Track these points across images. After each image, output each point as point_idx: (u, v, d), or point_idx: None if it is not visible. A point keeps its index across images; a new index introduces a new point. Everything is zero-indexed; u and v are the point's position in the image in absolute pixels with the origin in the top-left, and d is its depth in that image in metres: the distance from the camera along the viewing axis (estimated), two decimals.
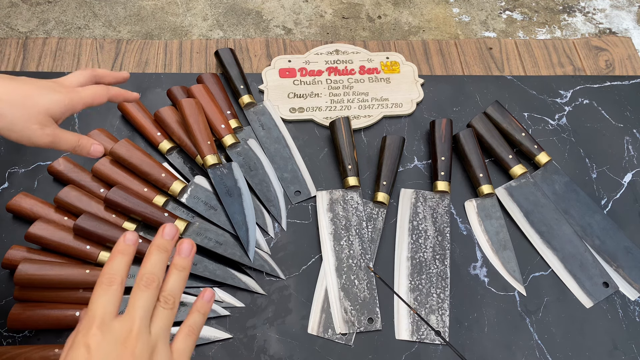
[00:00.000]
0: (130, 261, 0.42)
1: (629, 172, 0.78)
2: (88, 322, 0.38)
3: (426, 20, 1.96)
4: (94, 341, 0.37)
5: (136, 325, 0.38)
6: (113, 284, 0.40)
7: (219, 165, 0.72)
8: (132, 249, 0.42)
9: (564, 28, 1.97)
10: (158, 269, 0.41)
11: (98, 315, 0.38)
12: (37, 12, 1.88)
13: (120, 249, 0.42)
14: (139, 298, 0.40)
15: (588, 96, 0.85)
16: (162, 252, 0.42)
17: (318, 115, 0.80)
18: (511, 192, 0.74)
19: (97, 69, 0.60)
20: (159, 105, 0.78)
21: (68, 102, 0.52)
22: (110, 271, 0.40)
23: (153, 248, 0.42)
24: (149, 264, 0.41)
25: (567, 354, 0.63)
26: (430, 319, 0.65)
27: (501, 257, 0.69)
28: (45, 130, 0.51)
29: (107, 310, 0.38)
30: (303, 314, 0.65)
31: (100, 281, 0.40)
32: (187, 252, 0.43)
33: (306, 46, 0.89)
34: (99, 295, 0.39)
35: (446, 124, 0.76)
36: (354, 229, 0.70)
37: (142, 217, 0.66)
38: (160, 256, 0.42)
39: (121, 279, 0.40)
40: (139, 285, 0.40)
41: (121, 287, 0.40)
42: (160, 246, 0.42)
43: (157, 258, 0.42)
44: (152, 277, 0.41)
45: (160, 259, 0.42)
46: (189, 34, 1.86)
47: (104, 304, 0.39)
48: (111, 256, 0.42)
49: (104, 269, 0.40)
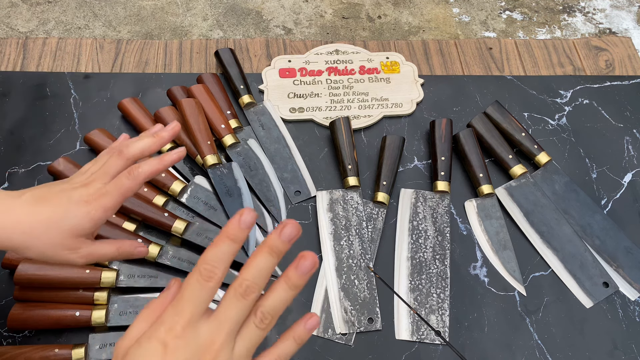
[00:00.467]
0: (237, 250, 0.35)
1: (629, 172, 0.78)
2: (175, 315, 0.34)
3: (426, 20, 1.96)
4: (174, 344, 0.33)
5: (222, 337, 0.34)
6: (212, 279, 0.34)
7: (219, 165, 0.72)
8: (245, 234, 0.35)
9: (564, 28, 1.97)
10: (262, 278, 0.35)
11: (187, 312, 0.34)
12: (37, 12, 1.88)
13: (231, 232, 0.35)
14: (233, 307, 0.34)
15: (588, 96, 0.85)
16: (273, 256, 0.35)
17: (318, 115, 0.81)
18: (511, 192, 0.74)
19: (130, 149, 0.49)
20: (159, 105, 0.78)
21: (97, 214, 0.46)
22: (212, 260, 0.34)
23: (264, 248, 0.35)
24: (253, 269, 0.35)
25: (567, 354, 0.63)
26: (430, 319, 0.65)
27: (501, 257, 0.69)
28: (79, 253, 0.47)
29: (197, 309, 0.34)
30: (303, 314, 0.65)
31: (197, 271, 0.34)
32: (307, 269, 0.35)
33: (306, 46, 0.89)
34: (192, 289, 0.34)
35: (446, 124, 0.76)
36: (354, 229, 0.70)
37: (142, 217, 0.66)
38: (269, 261, 0.35)
39: (222, 272, 0.34)
40: (235, 290, 0.34)
41: (219, 285, 0.34)
42: (273, 249, 0.35)
43: (265, 263, 0.35)
44: (253, 286, 0.34)
45: (268, 265, 0.35)
46: (189, 34, 1.86)
47: (196, 301, 0.34)
48: (218, 240, 0.35)
49: (205, 254, 0.35)
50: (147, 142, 0.50)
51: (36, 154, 0.75)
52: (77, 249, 0.47)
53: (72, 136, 0.77)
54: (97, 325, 0.60)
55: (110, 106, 0.80)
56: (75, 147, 0.76)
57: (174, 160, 0.50)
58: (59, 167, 0.70)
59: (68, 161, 0.71)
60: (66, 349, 0.57)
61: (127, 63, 0.85)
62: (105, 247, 0.49)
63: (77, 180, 0.49)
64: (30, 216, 0.45)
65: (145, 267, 0.65)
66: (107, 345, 0.59)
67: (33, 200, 0.46)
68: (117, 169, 0.49)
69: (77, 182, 0.48)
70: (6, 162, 0.74)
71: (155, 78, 0.83)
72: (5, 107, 0.79)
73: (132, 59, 0.86)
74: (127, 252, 0.52)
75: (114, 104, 0.79)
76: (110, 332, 0.60)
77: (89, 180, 0.48)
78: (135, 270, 0.64)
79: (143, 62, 0.85)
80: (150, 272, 0.65)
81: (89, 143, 0.74)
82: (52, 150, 0.75)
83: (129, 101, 0.77)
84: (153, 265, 0.65)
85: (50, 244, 0.45)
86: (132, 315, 0.61)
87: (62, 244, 0.46)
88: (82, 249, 0.47)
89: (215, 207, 0.70)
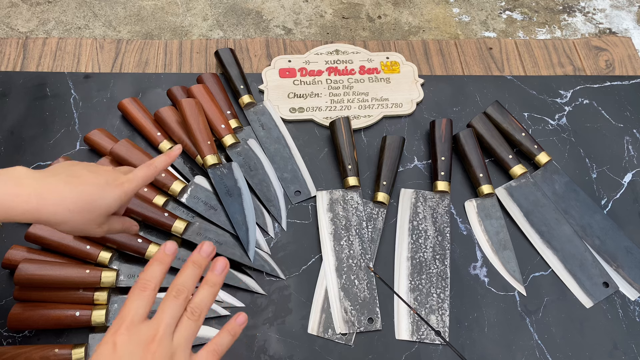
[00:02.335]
0: (166, 270, 0.45)
1: (629, 172, 0.78)
2: (119, 321, 0.41)
3: (426, 20, 1.96)
4: (121, 340, 0.40)
5: (160, 330, 0.41)
6: (146, 289, 0.43)
7: (219, 165, 0.72)
8: (169, 258, 0.46)
9: (564, 28, 1.97)
10: (189, 283, 0.44)
11: (128, 317, 0.41)
12: (37, 12, 1.88)
13: (158, 257, 0.45)
14: (168, 306, 0.43)
15: (588, 96, 0.85)
16: (196, 267, 0.45)
17: (318, 115, 0.80)
18: (511, 192, 0.74)
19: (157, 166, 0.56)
20: (159, 105, 0.78)
21: (124, 197, 0.53)
22: (145, 277, 0.44)
23: (189, 262, 0.45)
24: (182, 277, 0.44)
25: (567, 354, 0.63)
26: (430, 319, 0.65)
27: (501, 257, 0.69)
28: (102, 228, 0.53)
29: (137, 313, 0.42)
30: (303, 314, 0.65)
31: (136, 285, 0.43)
32: (220, 269, 0.46)
33: (306, 46, 0.89)
34: (132, 299, 0.42)
35: (446, 124, 0.76)
36: (354, 229, 0.70)
37: (142, 217, 0.66)
38: (194, 271, 0.45)
39: (155, 285, 0.43)
40: (169, 295, 0.43)
41: (154, 293, 0.43)
42: (195, 262, 0.46)
43: (191, 272, 0.45)
44: (182, 288, 0.44)
45: (193, 274, 0.45)
46: (189, 34, 1.86)
47: (135, 307, 0.42)
48: (149, 263, 0.45)
49: (141, 275, 0.44)
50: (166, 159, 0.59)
51: (36, 154, 0.75)
52: (102, 224, 0.53)
53: (72, 136, 0.77)
54: (97, 325, 0.60)
55: (110, 106, 0.80)
56: (75, 147, 0.76)
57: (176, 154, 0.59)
58: None
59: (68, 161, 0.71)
60: (66, 349, 0.57)
61: (127, 63, 0.85)
62: (117, 222, 0.56)
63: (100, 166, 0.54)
64: (74, 194, 0.49)
65: None
66: None
67: (71, 179, 0.50)
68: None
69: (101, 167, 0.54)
70: (6, 162, 0.74)
71: (155, 78, 0.83)
72: (5, 107, 0.79)
73: (132, 59, 0.86)
74: (127, 227, 0.58)
75: (114, 104, 0.79)
76: None
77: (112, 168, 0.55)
78: (135, 270, 0.64)
79: (143, 62, 0.85)
80: None
81: (89, 143, 0.74)
82: (52, 150, 0.75)
83: (129, 101, 0.77)
84: None
85: (86, 220, 0.51)
86: None
87: (95, 220, 0.51)
88: (105, 225, 0.53)
89: (215, 207, 0.70)
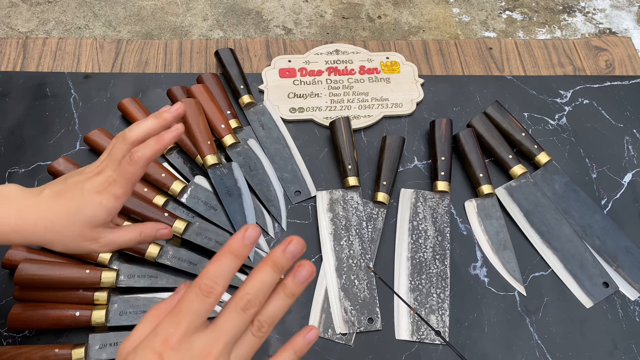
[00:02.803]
0: (239, 265, 0.35)
1: (629, 172, 0.78)
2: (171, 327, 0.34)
3: (426, 20, 1.96)
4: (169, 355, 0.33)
5: (218, 349, 0.34)
6: (211, 295, 0.34)
7: (219, 165, 0.72)
8: (248, 250, 0.35)
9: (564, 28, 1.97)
10: (263, 292, 0.35)
11: (184, 325, 0.34)
12: (37, 12, 1.88)
13: (234, 248, 0.35)
14: (231, 320, 0.35)
15: (588, 96, 0.85)
16: (276, 271, 0.35)
17: (318, 115, 0.81)
18: (511, 192, 0.74)
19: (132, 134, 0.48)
20: (159, 105, 0.78)
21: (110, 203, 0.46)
22: (213, 276, 0.34)
23: (268, 263, 0.35)
24: (255, 282, 0.35)
25: (567, 354, 0.63)
26: (430, 319, 0.65)
27: (501, 257, 0.69)
28: (99, 242, 0.48)
29: (195, 322, 0.34)
30: (303, 314, 0.65)
31: (199, 285, 0.34)
32: (304, 278, 0.36)
33: (306, 46, 0.89)
34: (191, 302, 0.34)
35: (446, 124, 0.76)
36: (354, 229, 0.70)
37: (142, 217, 0.66)
38: (272, 277, 0.35)
39: (222, 288, 0.35)
40: (236, 304, 0.35)
41: (219, 298, 0.35)
42: (276, 264, 0.35)
43: (267, 278, 0.35)
44: (254, 301, 0.35)
45: (270, 280, 0.35)
46: (189, 34, 1.86)
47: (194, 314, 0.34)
48: (220, 255, 0.35)
49: (207, 269, 0.35)
50: (149, 124, 0.49)
51: (36, 154, 0.75)
52: (97, 238, 0.47)
53: (72, 136, 0.77)
54: (97, 325, 0.60)
55: (110, 106, 0.80)
56: (75, 147, 0.76)
57: (172, 138, 0.48)
58: (59, 167, 0.70)
59: (68, 161, 0.71)
60: (66, 349, 0.57)
61: (127, 63, 0.85)
62: (127, 233, 0.49)
63: (89, 170, 0.49)
64: (51, 212, 0.46)
65: (145, 267, 0.65)
66: (107, 345, 0.59)
67: (52, 195, 0.47)
68: (122, 153, 0.48)
69: (89, 172, 0.48)
70: (6, 162, 0.74)
71: (155, 78, 0.83)
72: (5, 107, 0.79)
73: (132, 59, 0.86)
74: (150, 235, 0.51)
75: (114, 104, 0.79)
76: (110, 332, 0.60)
77: (100, 168, 0.48)
78: (135, 270, 0.64)
79: (143, 62, 0.85)
80: (150, 272, 0.65)
81: (89, 143, 0.74)
82: (52, 150, 0.75)
83: (129, 101, 0.77)
84: (153, 265, 0.65)
85: (71, 237, 0.46)
86: (132, 315, 0.61)
87: (82, 236, 0.47)
88: (102, 238, 0.48)
89: (215, 207, 0.70)
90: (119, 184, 0.47)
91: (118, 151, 0.48)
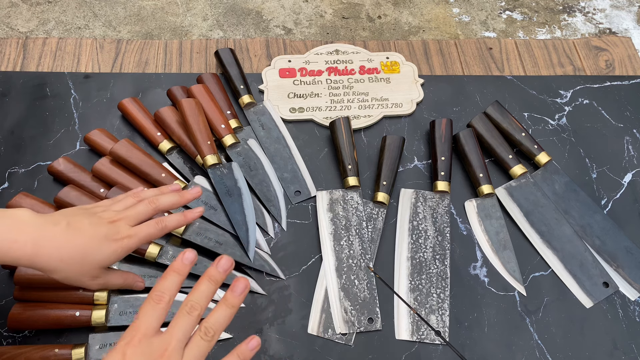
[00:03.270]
0: (182, 280, 0.44)
1: (629, 172, 0.78)
2: (132, 332, 0.41)
3: (426, 20, 1.96)
4: (131, 352, 0.40)
5: (172, 345, 0.41)
6: (161, 302, 0.43)
7: (219, 165, 0.72)
8: (187, 268, 0.45)
9: (564, 28, 1.97)
10: (204, 299, 0.44)
11: (142, 329, 0.41)
12: (37, 12, 1.88)
13: (176, 267, 0.45)
14: (180, 322, 0.42)
15: (588, 96, 0.85)
16: (212, 283, 0.44)
17: (318, 115, 0.81)
18: (511, 192, 0.74)
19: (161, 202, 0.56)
20: (159, 105, 0.78)
21: (121, 252, 0.52)
22: (161, 289, 0.43)
23: (205, 278, 0.45)
24: (196, 293, 0.44)
25: (567, 354, 0.63)
26: (430, 319, 0.65)
27: (501, 257, 0.69)
28: (97, 281, 0.53)
29: (150, 326, 0.42)
30: (303, 314, 0.65)
31: (150, 297, 0.43)
32: (240, 291, 0.45)
33: (306, 46, 0.89)
34: (145, 310, 0.42)
35: (446, 124, 0.76)
36: (354, 229, 0.70)
37: None
38: (209, 287, 0.44)
39: (170, 297, 0.43)
40: (182, 310, 0.43)
41: (168, 305, 0.43)
42: (211, 278, 0.45)
43: (205, 289, 0.44)
44: (196, 305, 0.43)
45: (208, 290, 0.44)
46: (189, 34, 1.86)
47: (149, 319, 0.42)
48: (166, 273, 0.44)
49: (156, 285, 0.44)
50: (175, 200, 0.57)
51: (36, 154, 0.75)
52: (97, 277, 0.53)
53: (72, 136, 0.77)
54: (97, 325, 0.60)
55: (110, 106, 0.80)
56: (75, 147, 0.76)
57: (195, 218, 0.58)
58: (59, 167, 0.70)
59: (68, 161, 0.71)
60: (66, 349, 0.57)
61: (127, 63, 0.85)
62: (115, 277, 0.56)
63: (104, 216, 0.53)
64: (68, 245, 0.50)
65: (145, 267, 0.65)
66: (107, 345, 0.59)
67: (69, 229, 0.50)
68: (145, 216, 0.55)
69: (105, 218, 0.53)
70: (6, 162, 0.74)
71: (155, 78, 0.83)
72: (5, 107, 0.79)
73: (132, 59, 0.86)
74: (130, 284, 0.58)
75: (114, 104, 0.79)
76: (110, 332, 0.60)
77: (117, 218, 0.53)
78: (136, 270, 0.64)
79: (143, 62, 0.85)
80: (150, 272, 0.65)
81: (89, 143, 0.74)
82: (52, 150, 0.75)
83: (129, 101, 0.77)
84: (153, 265, 0.65)
85: (79, 272, 0.51)
86: (132, 315, 0.61)
87: (88, 273, 0.51)
88: (100, 278, 0.53)
89: (215, 207, 0.70)
90: (134, 241, 0.53)
91: (142, 212, 0.55)
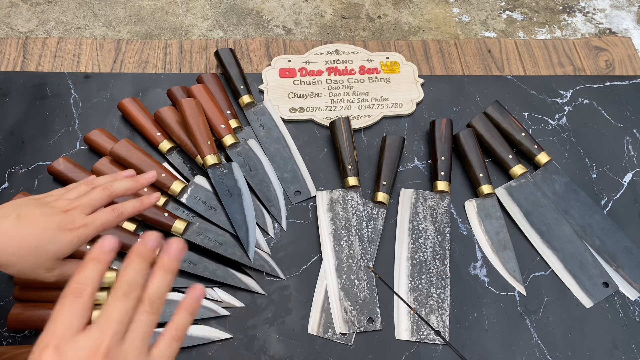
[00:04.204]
0: (104, 271, 0.38)
1: (629, 172, 0.78)
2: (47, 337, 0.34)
3: (426, 20, 1.96)
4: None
5: (106, 343, 0.34)
6: (82, 295, 0.36)
7: (219, 165, 0.72)
8: (109, 257, 0.38)
9: (564, 28, 1.97)
10: (139, 277, 0.38)
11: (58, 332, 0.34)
12: (37, 12, 1.88)
13: (95, 255, 0.38)
14: (115, 308, 0.35)
15: (588, 96, 0.85)
16: (142, 260, 0.38)
17: (318, 115, 0.80)
18: (511, 192, 0.74)
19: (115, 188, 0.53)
20: (159, 105, 0.78)
21: (77, 242, 0.49)
22: (80, 280, 0.36)
23: (133, 255, 0.38)
24: (128, 273, 0.37)
25: (567, 354, 0.63)
26: (430, 319, 0.65)
27: (501, 257, 0.69)
28: (53, 273, 0.50)
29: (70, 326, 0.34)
30: (303, 314, 0.65)
31: (67, 291, 0.36)
32: (176, 252, 0.39)
33: (306, 46, 0.89)
34: (63, 308, 0.35)
35: (446, 124, 0.76)
36: (354, 229, 0.70)
37: (142, 217, 0.66)
38: (141, 265, 0.38)
39: (92, 290, 0.36)
40: (116, 294, 0.36)
41: (91, 300, 0.36)
42: (140, 254, 0.38)
43: (137, 266, 0.38)
44: (133, 285, 0.37)
45: (141, 267, 0.38)
46: (189, 34, 1.86)
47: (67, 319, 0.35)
48: (83, 263, 0.37)
49: (73, 278, 0.36)
50: (130, 185, 0.54)
51: (36, 154, 0.75)
52: (53, 269, 0.49)
53: (72, 136, 0.77)
54: None
55: (110, 106, 0.80)
56: (75, 147, 0.76)
57: (151, 204, 0.55)
58: (59, 167, 0.70)
59: (68, 161, 0.71)
60: None
61: (127, 63, 0.85)
62: (74, 267, 0.52)
63: (57, 205, 0.50)
64: (20, 238, 0.47)
65: None
66: None
67: (20, 221, 0.47)
68: (100, 203, 0.52)
69: (57, 207, 0.50)
70: (6, 162, 0.74)
71: (155, 78, 0.83)
72: (5, 107, 0.79)
73: (132, 59, 0.86)
74: None
75: (114, 104, 0.79)
76: None
77: (70, 206, 0.50)
78: None
79: (143, 62, 0.85)
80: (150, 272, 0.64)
81: (89, 143, 0.74)
82: (52, 150, 0.75)
83: (129, 101, 0.77)
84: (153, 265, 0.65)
85: (33, 265, 0.48)
86: None
87: (43, 265, 0.48)
88: (56, 270, 0.50)
89: (215, 207, 0.70)
90: (91, 229, 0.49)
91: (96, 199, 0.51)
